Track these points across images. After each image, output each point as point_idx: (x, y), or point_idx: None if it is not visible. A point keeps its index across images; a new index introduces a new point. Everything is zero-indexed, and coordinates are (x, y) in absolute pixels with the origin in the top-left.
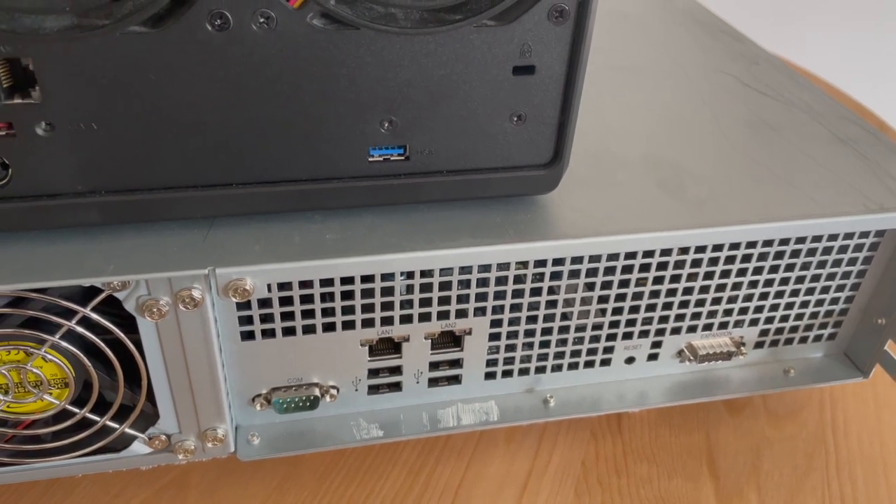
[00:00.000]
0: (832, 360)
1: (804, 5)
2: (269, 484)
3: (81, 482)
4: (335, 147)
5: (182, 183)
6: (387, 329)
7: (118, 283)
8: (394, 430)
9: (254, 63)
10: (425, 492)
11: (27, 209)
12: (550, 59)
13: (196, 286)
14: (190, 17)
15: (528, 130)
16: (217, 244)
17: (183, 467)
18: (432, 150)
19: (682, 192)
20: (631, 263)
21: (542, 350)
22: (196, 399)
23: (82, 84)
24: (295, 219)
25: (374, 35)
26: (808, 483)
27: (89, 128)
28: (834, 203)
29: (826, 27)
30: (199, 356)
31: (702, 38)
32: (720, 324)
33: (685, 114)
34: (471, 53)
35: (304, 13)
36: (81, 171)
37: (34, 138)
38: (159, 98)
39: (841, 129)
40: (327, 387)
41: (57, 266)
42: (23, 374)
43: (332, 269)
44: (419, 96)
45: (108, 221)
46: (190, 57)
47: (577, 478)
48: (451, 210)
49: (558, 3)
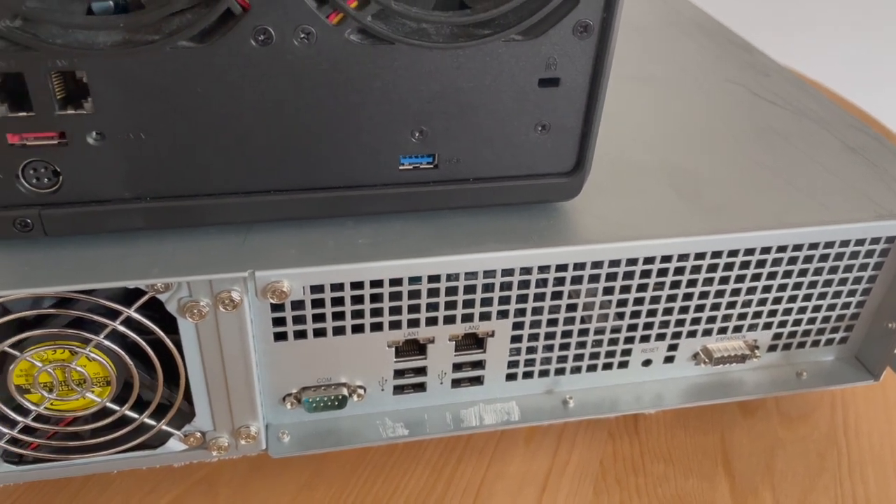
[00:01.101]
0: (843, 364)
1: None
2: (298, 481)
3: (116, 479)
4: (368, 156)
5: (222, 190)
6: (413, 331)
7: (161, 286)
8: (418, 429)
9: (294, 76)
10: (448, 489)
11: (76, 214)
12: (574, 72)
13: (235, 288)
14: (235, 32)
15: (551, 140)
16: (255, 248)
17: (213, 465)
18: (460, 158)
19: (698, 198)
20: (649, 268)
21: (562, 352)
22: (231, 397)
23: (132, 96)
24: (328, 224)
25: (408, 49)
26: (821, 482)
27: (137, 137)
28: (845, 210)
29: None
30: (235, 356)
31: (712, 48)
32: (734, 327)
33: (698, 123)
34: (499, 66)
35: (343, 29)
36: (128, 178)
37: (85, 147)
38: (204, 109)
39: (849, 138)
40: (355, 386)
41: (103, 269)
42: (67, 372)
43: (365, 272)
44: (449, 107)
45: (152, 226)
46: (234, 70)
47: (596, 477)
48: (477, 216)
49: (583, 19)
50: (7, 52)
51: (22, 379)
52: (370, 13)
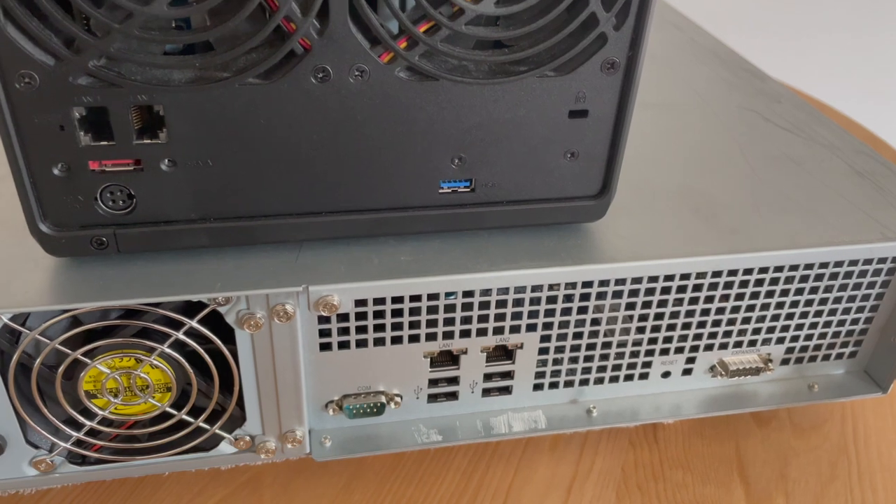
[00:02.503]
0: (853, 377)
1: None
2: (336, 485)
3: (166, 481)
4: (411, 180)
5: (279, 211)
6: (447, 342)
7: (223, 299)
8: (451, 436)
9: (347, 109)
10: (478, 493)
11: (147, 234)
12: (602, 104)
13: (290, 302)
14: (297, 71)
15: (579, 165)
16: (307, 265)
17: (257, 468)
18: (495, 182)
19: (715, 220)
20: (668, 285)
21: (586, 364)
22: (280, 404)
23: (202, 127)
24: (373, 243)
25: (450, 84)
26: (832, 489)
27: (205, 164)
28: (853, 231)
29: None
30: (286, 365)
31: (726, 76)
32: (749, 342)
33: (714, 148)
34: (533, 99)
35: (393, 67)
36: (195, 201)
37: (158, 173)
38: (266, 139)
39: (858, 163)
40: (392, 395)
41: (171, 283)
42: (132, 378)
43: (407, 287)
44: (486, 136)
45: (215, 245)
46: (294, 104)
47: (618, 482)
48: (510, 236)
49: (610, 57)
50: (94, 88)
51: (90, 385)
52: (418, 53)
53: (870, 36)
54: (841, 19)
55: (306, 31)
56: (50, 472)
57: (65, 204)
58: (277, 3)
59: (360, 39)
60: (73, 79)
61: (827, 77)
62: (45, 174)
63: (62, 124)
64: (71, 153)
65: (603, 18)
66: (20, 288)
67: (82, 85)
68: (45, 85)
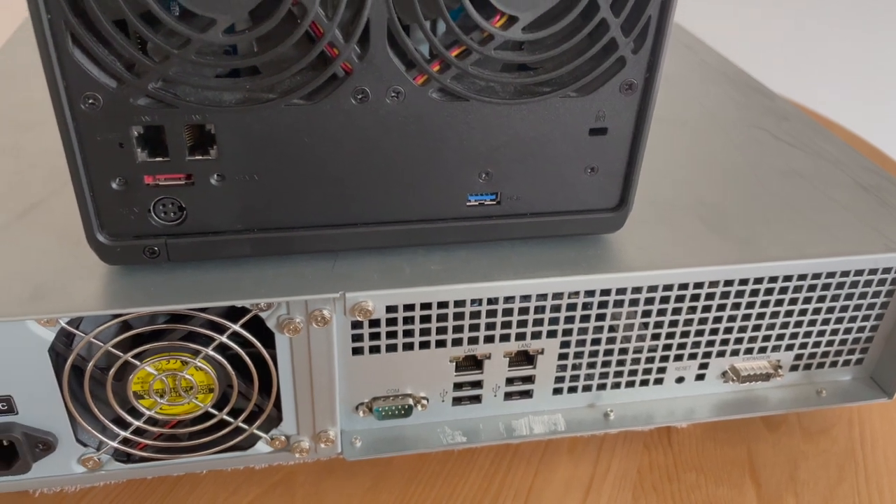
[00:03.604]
0: (859, 383)
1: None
2: (364, 484)
3: (203, 480)
4: (441, 194)
5: (318, 223)
6: (472, 348)
7: (264, 304)
8: (475, 437)
9: (384, 128)
10: (500, 493)
11: (196, 243)
12: (620, 123)
13: (327, 307)
14: (338, 92)
15: (599, 180)
16: (343, 273)
17: (290, 468)
18: (519, 196)
19: (727, 231)
20: (682, 293)
21: (604, 369)
22: (315, 405)
23: (250, 144)
24: (404, 252)
25: (479, 104)
26: (841, 491)
27: (251, 178)
28: (858, 243)
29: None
30: (321, 367)
31: (735, 95)
32: (759, 348)
33: (725, 163)
34: (555, 118)
35: (426, 88)
36: (241, 213)
37: (207, 187)
38: (308, 155)
39: (863, 178)
40: (419, 397)
41: (217, 289)
42: (178, 380)
43: (437, 294)
44: (512, 152)
45: (257, 254)
46: (335, 123)
47: (634, 483)
48: (533, 246)
49: (628, 79)
50: (152, 109)
51: (138, 386)
52: (450, 76)
53: (877, 52)
54: (848, 38)
55: (348, 55)
56: (97, 470)
57: (121, 216)
58: (322, 29)
59: (397, 63)
60: (134, 100)
61: (834, 94)
62: (104, 188)
63: (121, 142)
64: (128, 168)
65: (622, 43)
66: (76, 294)
67: (141, 105)
68: (108, 105)
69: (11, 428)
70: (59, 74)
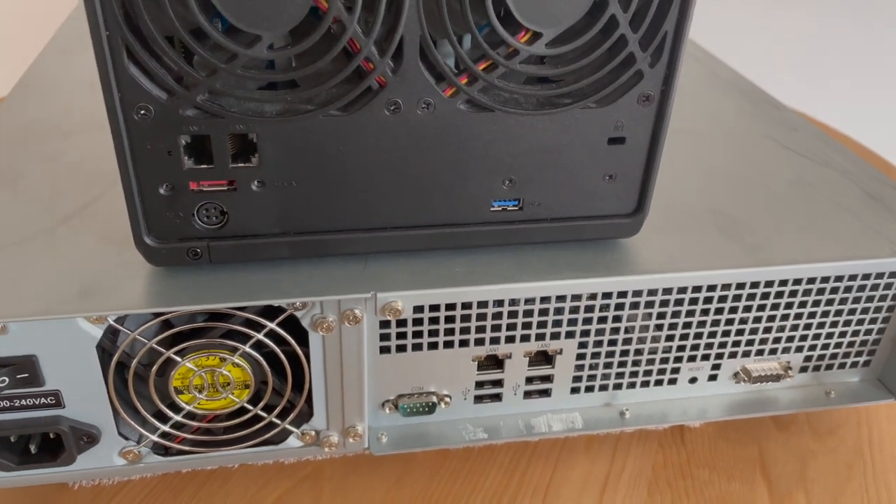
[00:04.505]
0: (867, 384)
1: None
2: (388, 480)
3: (234, 474)
4: (466, 200)
5: (350, 227)
6: (493, 347)
7: (300, 304)
8: (495, 434)
9: (414, 137)
10: (520, 488)
11: (236, 246)
12: (638, 132)
13: (358, 307)
14: (373, 104)
15: (617, 187)
16: (374, 274)
17: (317, 463)
18: (541, 202)
19: (739, 237)
20: (696, 296)
21: (620, 369)
22: (344, 401)
23: (289, 152)
24: (431, 255)
25: (504, 115)
26: (849, 488)
27: (290, 185)
28: (865, 248)
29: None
30: (352, 365)
31: (746, 107)
32: (770, 350)
33: (737, 172)
34: (576, 128)
35: (455, 100)
36: (279, 217)
37: (249, 192)
38: (342, 163)
39: (870, 187)
40: (442, 395)
41: (255, 289)
42: (216, 376)
43: (462, 295)
44: (534, 160)
45: (294, 256)
46: (369, 133)
47: (649, 480)
48: (553, 250)
49: (646, 91)
50: (199, 119)
51: (178, 381)
52: (477, 88)
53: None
54: (858, 50)
55: (382, 69)
56: (136, 462)
57: (167, 220)
58: (359, 45)
59: (428, 76)
60: (183, 111)
61: (845, 107)
62: (152, 193)
63: (170, 150)
64: (175, 175)
65: (640, 57)
66: (122, 293)
67: (190, 116)
68: (159, 116)
69: (59, 421)
70: (114, 87)
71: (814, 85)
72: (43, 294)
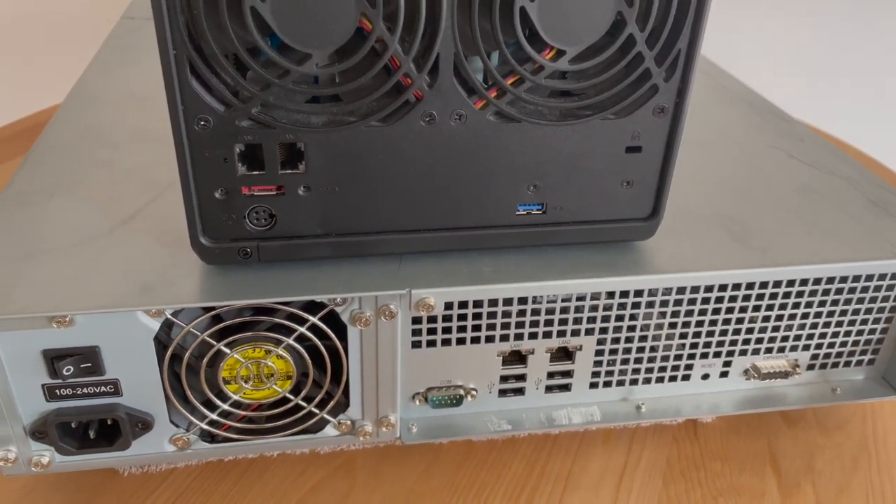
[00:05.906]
0: (872, 382)
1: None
2: (417, 469)
3: (272, 463)
4: (494, 204)
5: (387, 228)
6: (517, 343)
7: (340, 300)
8: (518, 425)
9: (447, 146)
10: (542, 477)
11: (283, 246)
12: (653, 142)
13: (394, 303)
14: (410, 116)
15: (634, 192)
16: (408, 273)
17: (350, 453)
18: (563, 206)
19: (748, 240)
20: (708, 295)
21: (636, 365)
22: (379, 392)
23: (333, 159)
24: (461, 255)
25: (529, 125)
26: (855, 480)
27: (333, 190)
28: (868, 250)
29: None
30: (386, 358)
31: (754, 118)
32: (779, 348)
33: (746, 180)
34: (596, 137)
35: (485, 112)
36: (322, 219)
37: (295, 197)
38: (381, 169)
39: (873, 194)
40: (469, 388)
41: (298, 286)
42: (261, 367)
43: (490, 292)
44: (557, 168)
45: (334, 256)
46: (406, 142)
47: (664, 471)
48: (574, 251)
49: (661, 103)
50: (253, 129)
51: (227, 372)
52: (505, 101)
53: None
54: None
55: (419, 84)
56: (185, 449)
57: (220, 221)
58: (399, 62)
59: (461, 90)
60: (239, 121)
61: (852, 118)
62: (208, 197)
63: (225, 157)
64: (230, 180)
65: (655, 73)
66: (178, 289)
67: (244, 126)
68: (217, 126)
69: (116, 408)
70: (178, 99)
71: (822, 98)
72: (106, 290)
